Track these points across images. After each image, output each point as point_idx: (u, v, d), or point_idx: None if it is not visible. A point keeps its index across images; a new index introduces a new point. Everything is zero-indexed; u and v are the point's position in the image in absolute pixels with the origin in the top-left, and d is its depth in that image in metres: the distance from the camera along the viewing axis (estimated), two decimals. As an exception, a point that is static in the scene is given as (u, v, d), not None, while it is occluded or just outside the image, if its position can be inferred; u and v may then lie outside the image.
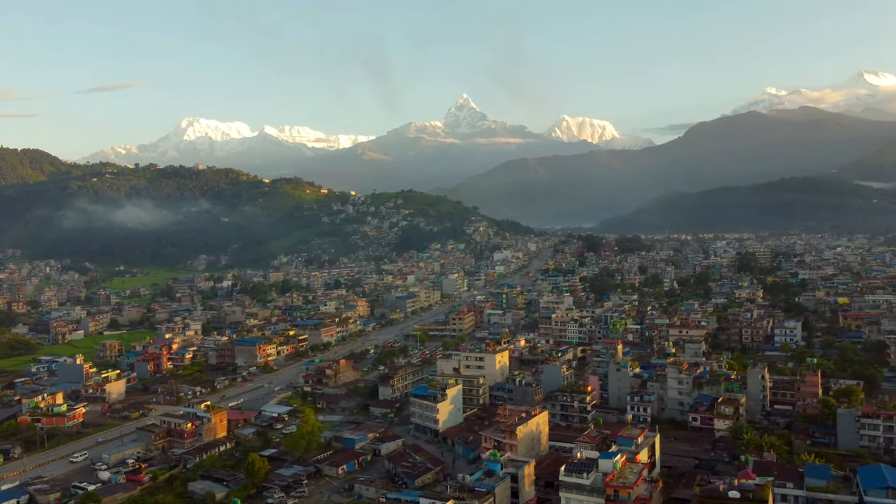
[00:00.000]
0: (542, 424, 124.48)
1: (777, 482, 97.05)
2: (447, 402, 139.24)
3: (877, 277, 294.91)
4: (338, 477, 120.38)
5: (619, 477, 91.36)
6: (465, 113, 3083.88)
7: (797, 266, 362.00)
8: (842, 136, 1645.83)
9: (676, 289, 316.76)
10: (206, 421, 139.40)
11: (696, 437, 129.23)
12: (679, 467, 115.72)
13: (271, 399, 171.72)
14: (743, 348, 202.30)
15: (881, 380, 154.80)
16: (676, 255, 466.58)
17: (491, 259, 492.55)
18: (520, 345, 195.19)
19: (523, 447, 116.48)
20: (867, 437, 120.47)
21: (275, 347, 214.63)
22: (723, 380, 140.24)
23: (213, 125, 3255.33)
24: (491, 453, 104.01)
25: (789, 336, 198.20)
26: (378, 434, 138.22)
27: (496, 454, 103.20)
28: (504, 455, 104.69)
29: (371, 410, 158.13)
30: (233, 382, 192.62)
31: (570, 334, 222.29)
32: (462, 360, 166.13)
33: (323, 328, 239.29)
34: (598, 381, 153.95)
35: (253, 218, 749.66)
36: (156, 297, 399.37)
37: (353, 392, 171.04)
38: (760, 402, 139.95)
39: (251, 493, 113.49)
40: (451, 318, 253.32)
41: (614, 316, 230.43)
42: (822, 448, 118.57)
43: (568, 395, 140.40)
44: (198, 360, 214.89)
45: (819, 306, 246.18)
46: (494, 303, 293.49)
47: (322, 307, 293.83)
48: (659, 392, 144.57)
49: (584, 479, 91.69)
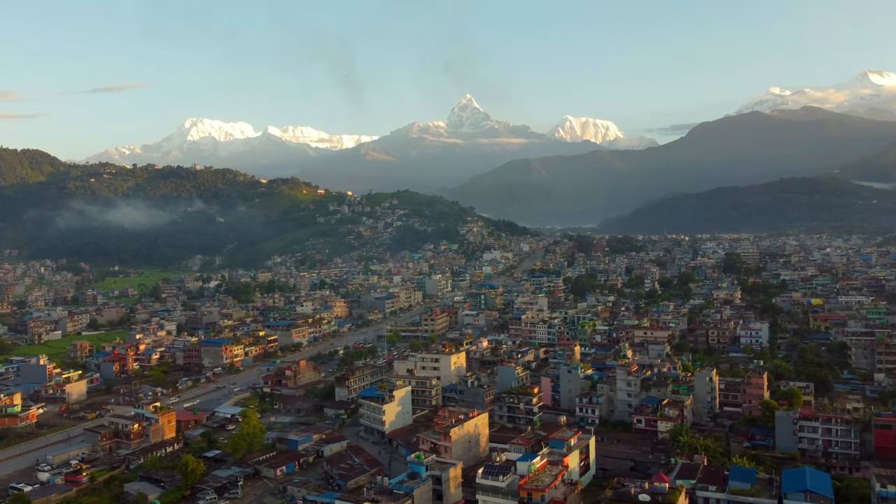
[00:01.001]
0: (482, 427, 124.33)
1: (699, 485, 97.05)
2: (394, 404, 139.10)
3: (856, 279, 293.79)
4: (275, 478, 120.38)
5: (533, 480, 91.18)
6: (468, 113, 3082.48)
7: (782, 267, 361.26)
8: (844, 136, 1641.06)
9: (657, 290, 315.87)
10: (153, 422, 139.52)
11: (638, 440, 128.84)
12: (613, 469, 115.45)
13: (228, 400, 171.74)
14: (709, 349, 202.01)
15: (833, 382, 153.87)
16: (665, 256, 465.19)
17: (480, 260, 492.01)
18: (482, 346, 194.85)
19: (458, 449, 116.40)
20: (807, 439, 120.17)
21: (242, 348, 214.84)
22: (670, 382, 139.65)
23: (217, 125, 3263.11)
24: (416, 455, 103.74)
25: (754, 337, 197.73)
26: (324, 436, 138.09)
27: (421, 456, 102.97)
28: (429, 457, 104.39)
29: (325, 412, 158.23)
30: (196, 383, 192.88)
31: (540, 335, 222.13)
32: (418, 361, 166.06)
33: (294, 329, 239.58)
34: (550, 383, 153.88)
35: (249, 218, 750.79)
36: (143, 298, 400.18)
37: (310, 393, 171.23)
38: (708, 404, 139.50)
39: (185, 494, 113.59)
40: (424, 319, 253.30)
41: (583, 317, 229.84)
42: (760, 451, 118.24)
43: (514, 397, 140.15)
44: (165, 360, 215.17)
45: (793, 307, 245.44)
46: (472, 303, 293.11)
47: (299, 308, 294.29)
48: (608, 394, 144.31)
49: (500, 482, 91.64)
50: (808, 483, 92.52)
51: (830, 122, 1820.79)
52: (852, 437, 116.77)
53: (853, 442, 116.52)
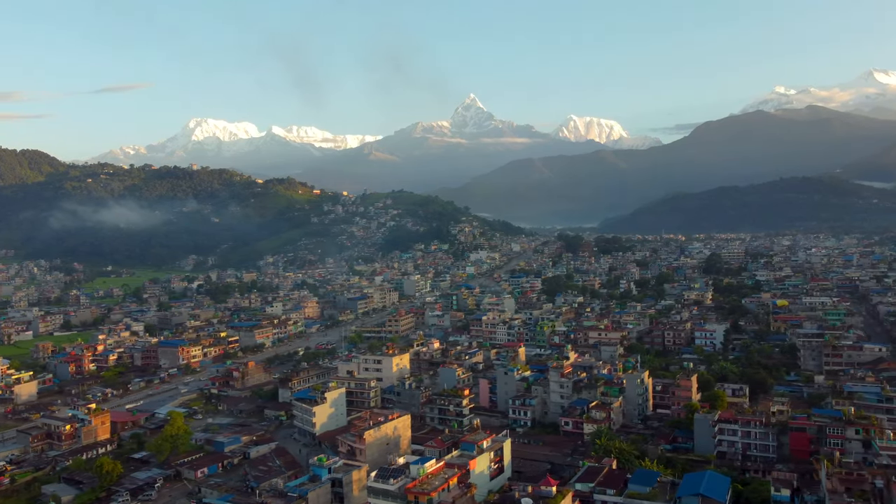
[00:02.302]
0: (402, 429, 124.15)
1: (598, 488, 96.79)
2: (326, 406, 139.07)
3: (828, 279, 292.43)
4: (195, 480, 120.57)
5: (423, 483, 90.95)
6: (472, 113, 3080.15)
7: (762, 267, 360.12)
8: (848, 135, 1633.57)
9: (633, 290, 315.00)
10: (86, 423, 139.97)
11: (563, 442, 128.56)
12: (528, 472, 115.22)
13: (173, 401, 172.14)
14: (664, 351, 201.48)
15: (775, 384, 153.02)
16: (651, 256, 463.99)
17: (467, 260, 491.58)
18: (433, 347, 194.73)
19: (374, 451, 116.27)
20: (726, 442, 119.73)
21: (200, 349, 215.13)
22: (601, 384, 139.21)
23: (221, 125, 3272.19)
24: (318, 458, 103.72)
25: (709, 339, 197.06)
26: (255, 437, 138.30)
27: (322, 459, 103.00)
28: (332, 460, 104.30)
29: (265, 413, 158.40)
30: (149, 384, 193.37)
31: (500, 336, 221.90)
32: (360, 363, 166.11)
33: (257, 330, 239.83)
34: (488, 385, 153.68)
35: (244, 218, 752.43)
36: (126, 298, 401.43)
37: (256, 395, 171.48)
38: (639, 406, 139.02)
39: (100, 496, 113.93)
40: (388, 319, 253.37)
41: (543, 319, 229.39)
42: (677, 453, 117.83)
43: (445, 399, 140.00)
44: (123, 361, 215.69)
45: (759, 308, 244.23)
46: (443, 304, 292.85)
47: (268, 308, 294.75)
48: (542, 396, 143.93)
49: (390, 485, 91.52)
50: (702, 487, 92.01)
51: (834, 121, 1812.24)
52: (770, 439, 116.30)
53: (770, 445, 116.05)
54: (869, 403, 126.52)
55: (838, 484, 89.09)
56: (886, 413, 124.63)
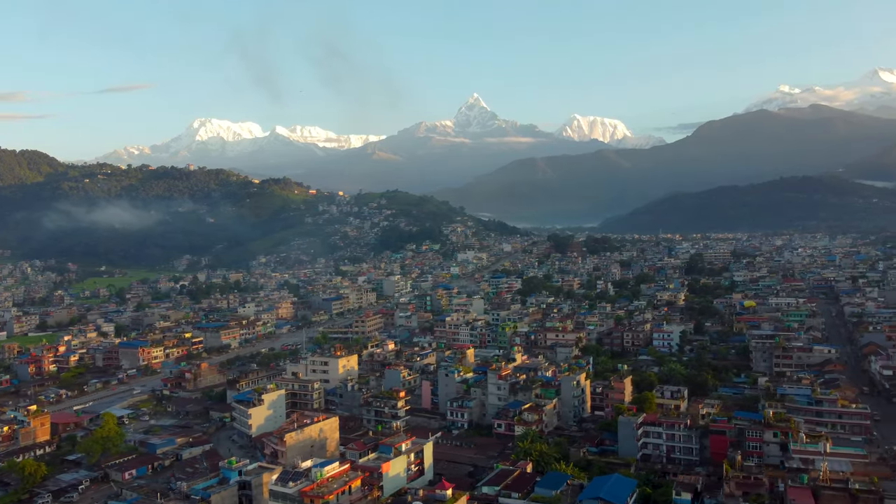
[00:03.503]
0: (329, 431, 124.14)
1: (503, 492, 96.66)
2: (263, 408, 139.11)
3: (802, 280, 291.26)
4: (122, 482, 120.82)
5: (320, 486, 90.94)
6: (475, 112, 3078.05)
7: (744, 268, 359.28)
8: (852, 134, 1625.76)
9: (609, 291, 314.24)
10: (25, 424, 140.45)
11: (494, 444, 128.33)
12: (450, 475, 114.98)
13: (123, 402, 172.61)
14: (623, 352, 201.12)
15: (716, 386, 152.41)
16: (638, 256, 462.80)
17: (454, 260, 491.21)
18: (387, 348, 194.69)
19: (296, 453, 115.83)
20: (651, 444, 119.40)
21: (162, 350, 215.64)
22: (537, 386, 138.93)
23: (226, 125, 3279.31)
24: (228, 461, 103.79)
25: (666, 340, 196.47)
26: (191, 439, 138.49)
27: (232, 461, 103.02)
28: (242, 462, 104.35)
29: (211, 414, 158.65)
30: (105, 385, 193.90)
31: (462, 338, 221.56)
32: (308, 364, 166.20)
33: (224, 330, 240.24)
34: (430, 387, 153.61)
35: (239, 218, 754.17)
36: (111, 299, 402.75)
37: (206, 396, 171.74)
38: (575, 408, 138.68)
39: (22, 497, 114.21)
40: (355, 320, 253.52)
41: (507, 320, 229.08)
42: (601, 456, 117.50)
43: (380, 401, 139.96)
44: (85, 362, 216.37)
45: (727, 309, 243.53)
46: (417, 305, 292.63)
47: (240, 309, 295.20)
48: (480, 398, 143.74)
49: (288, 488, 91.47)
50: (602, 491, 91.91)
51: (838, 120, 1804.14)
52: (693, 442, 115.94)
53: (694, 447, 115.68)
54: (799, 406, 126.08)
55: (735, 488, 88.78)
56: (816, 415, 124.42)
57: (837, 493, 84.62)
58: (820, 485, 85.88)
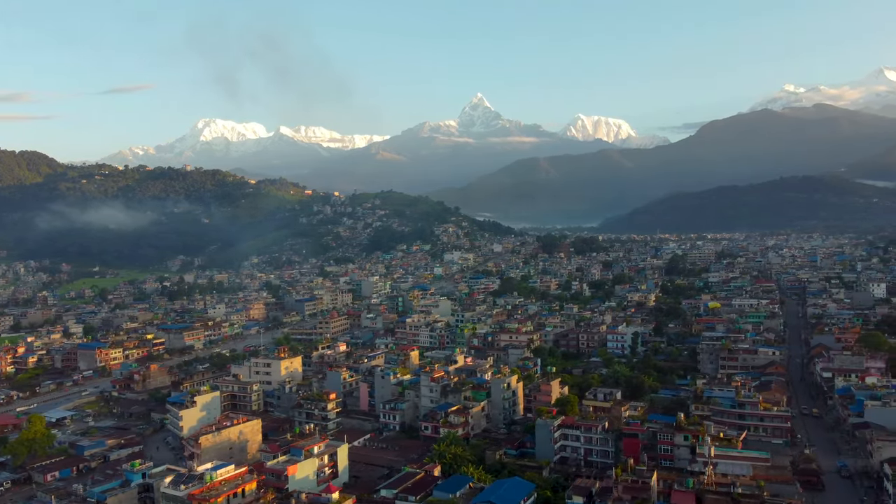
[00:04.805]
0: (250, 433, 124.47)
1: (401, 494, 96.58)
2: (195, 410, 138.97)
3: (773, 281, 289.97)
4: (44, 484, 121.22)
5: (209, 489, 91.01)
6: (479, 112, 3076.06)
7: (724, 268, 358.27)
8: (856, 134, 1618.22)
9: (584, 292, 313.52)
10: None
11: (418, 447, 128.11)
12: (365, 477, 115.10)
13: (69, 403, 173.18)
14: (578, 353, 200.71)
15: (657, 388, 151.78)
16: (624, 257, 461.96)
17: (441, 261, 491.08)
18: (338, 349, 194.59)
19: (213, 456, 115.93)
20: (570, 447, 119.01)
21: (121, 351, 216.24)
22: (467, 388, 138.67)
23: (230, 126, 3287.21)
24: (131, 464, 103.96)
25: (619, 342, 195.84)
26: (123, 441, 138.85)
27: (135, 464, 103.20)
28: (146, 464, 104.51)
29: (152, 416, 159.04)
30: (59, 386, 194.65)
31: (423, 339, 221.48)
32: (251, 366, 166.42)
33: (187, 332, 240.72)
34: (368, 388, 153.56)
35: (234, 219, 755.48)
36: (95, 300, 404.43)
37: (153, 398, 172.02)
38: (505, 410, 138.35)
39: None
40: (319, 322, 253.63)
41: (469, 321, 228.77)
42: (519, 459, 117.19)
43: (311, 403, 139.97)
44: (44, 364, 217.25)
45: (691, 311, 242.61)
46: (388, 306, 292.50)
47: (210, 310, 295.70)
48: (414, 400, 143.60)
49: (179, 491, 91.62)
50: (495, 494, 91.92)
51: (842, 119, 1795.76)
52: (609, 445, 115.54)
53: (609, 450, 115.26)
54: (723, 409, 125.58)
55: (622, 491, 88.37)
56: (739, 418, 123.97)
57: (720, 497, 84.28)
58: (704, 489, 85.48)
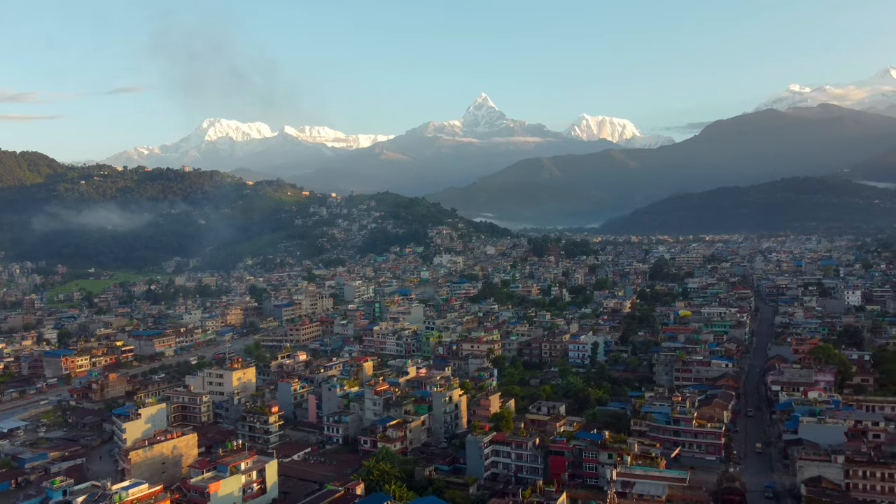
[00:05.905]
0: (185, 447, 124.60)
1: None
2: (140, 422, 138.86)
3: (750, 287, 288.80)
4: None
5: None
6: (483, 112, 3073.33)
7: (709, 273, 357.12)
8: (860, 134, 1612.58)
9: (564, 297, 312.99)
10: None
11: (355, 461, 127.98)
12: (295, 493, 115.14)
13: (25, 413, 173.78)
14: (540, 362, 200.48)
15: (606, 400, 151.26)
16: (614, 260, 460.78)
17: (431, 263, 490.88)
18: (298, 359, 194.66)
19: (144, 471, 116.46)
20: (501, 464, 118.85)
21: (88, 359, 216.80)
22: (408, 402, 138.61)
23: (234, 126, 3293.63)
24: (51, 481, 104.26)
25: (581, 352, 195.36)
26: (66, 453, 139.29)
27: (55, 481, 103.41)
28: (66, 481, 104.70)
29: (104, 427, 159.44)
30: (22, 394, 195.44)
31: (389, 347, 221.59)
32: (204, 377, 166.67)
33: (158, 338, 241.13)
34: (316, 400, 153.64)
35: (230, 220, 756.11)
36: (82, 303, 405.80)
37: (108, 407, 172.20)
38: (446, 424, 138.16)
39: None
40: (289, 328, 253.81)
41: (438, 328, 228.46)
42: (449, 475, 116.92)
43: (253, 416, 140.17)
44: (10, 370, 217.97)
45: (660, 318, 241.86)
46: (365, 312, 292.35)
47: (186, 315, 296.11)
48: (358, 413, 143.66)
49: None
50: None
51: (847, 119, 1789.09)
52: (539, 462, 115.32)
53: (539, 468, 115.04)
54: (658, 424, 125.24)
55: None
56: (674, 434, 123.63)
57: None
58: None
